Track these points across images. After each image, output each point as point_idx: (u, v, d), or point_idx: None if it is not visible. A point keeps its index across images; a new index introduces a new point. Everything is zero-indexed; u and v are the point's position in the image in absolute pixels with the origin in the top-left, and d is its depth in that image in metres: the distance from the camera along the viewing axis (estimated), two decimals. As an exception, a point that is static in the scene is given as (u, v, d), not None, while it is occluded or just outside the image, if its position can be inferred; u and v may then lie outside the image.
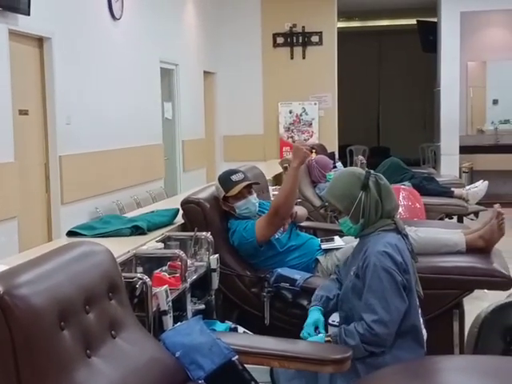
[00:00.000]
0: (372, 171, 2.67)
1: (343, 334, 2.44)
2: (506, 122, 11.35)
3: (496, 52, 11.27)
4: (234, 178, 3.57)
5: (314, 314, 2.65)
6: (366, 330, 2.38)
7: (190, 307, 2.92)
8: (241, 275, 3.42)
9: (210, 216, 3.49)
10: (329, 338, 2.49)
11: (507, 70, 11.41)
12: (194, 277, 3.00)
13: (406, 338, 2.47)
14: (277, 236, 3.57)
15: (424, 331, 2.61)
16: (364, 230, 2.61)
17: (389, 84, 14.37)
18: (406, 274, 2.47)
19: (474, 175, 10.00)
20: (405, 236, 2.64)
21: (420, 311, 2.60)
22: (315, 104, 9.93)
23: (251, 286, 3.41)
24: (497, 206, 3.42)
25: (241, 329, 3.02)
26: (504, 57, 11.24)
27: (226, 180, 3.59)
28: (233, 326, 3.00)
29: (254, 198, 3.61)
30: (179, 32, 8.45)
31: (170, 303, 2.59)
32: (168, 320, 2.55)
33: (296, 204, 4.79)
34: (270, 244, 3.53)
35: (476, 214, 6.25)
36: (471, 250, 3.39)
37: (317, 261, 3.58)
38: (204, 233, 3.27)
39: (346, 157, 11.45)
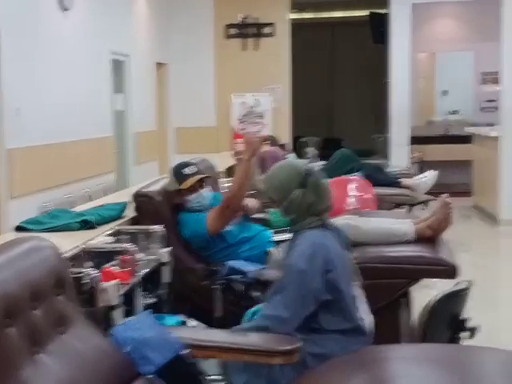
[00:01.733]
0: (315, 167, 2.67)
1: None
2: (455, 112, 11.56)
3: (445, 43, 11.46)
4: (187, 171, 3.57)
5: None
6: (264, 319, 2.38)
7: (141, 301, 2.91)
8: (192, 268, 3.42)
9: (161, 209, 3.48)
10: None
11: (456, 61, 11.62)
12: (145, 271, 2.99)
13: (343, 335, 2.49)
14: (228, 228, 3.58)
15: (370, 319, 2.64)
16: (293, 225, 2.60)
17: (341, 75, 14.47)
18: (331, 273, 2.45)
19: (423, 165, 10.15)
20: (335, 230, 2.63)
21: (363, 300, 2.62)
22: (268, 95, 9.94)
23: (203, 279, 3.41)
24: (445, 195, 3.49)
25: (192, 322, 3.02)
26: (453, 48, 11.44)
27: (178, 173, 3.58)
28: (184, 319, 3.00)
29: (206, 192, 3.61)
30: (130, 23, 8.36)
31: (120, 298, 2.58)
32: (118, 315, 2.54)
33: (249, 196, 4.81)
34: (221, 236, 3.54)
35: (425, 203, 6.36)
36: (420, 239, 3.44)
37: (268, 253, 3.60)
38: (155, 226, 3.26)
39: (299, 148, 11.50)
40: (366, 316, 2.61)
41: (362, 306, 2.63)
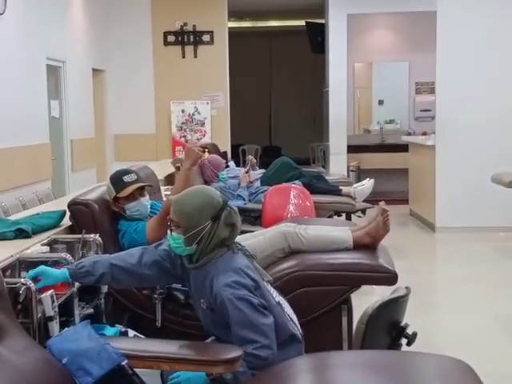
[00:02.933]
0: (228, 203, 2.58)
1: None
2: (391, 121, 11.79)
3: (381, 54, 11.68)
4: (127, 178, 3.51)
5: None
6: (253, 357, 2.34)
7: (78, 312, 2.84)
8: (131, 277, 3.35)
9: (98, 217, 3.41)
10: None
11: (391, 72, 11.85)
12: (82, 281, 2.91)
13: (285, 346, 2.50)
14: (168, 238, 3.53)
15: (294, 316, 2.65)
16: (198, 258, 2.53)
17: (280, 84, 14.59)
18: (258, 291, 2.47)
19: (361, 174, 10.31)
20: (240, 247, 2.62)
21: (287, 309, 2.63)
22: (207, 103, 9.93)
23: (142, 289, 3.35)
24: (382, 203, 3.54)
25: (131, 332, 2.97)
26: (388, 58, 11.67)
27: (117, 180, 3.52)
28: (123, 329, 2.94)
29: (145, 200, 3.56)
30: (66, 28, 8.22)
31: (56, 309, 2.51)
32: (54, 326, 2.48)
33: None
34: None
35: (363, 211, 6.45)
36: (358, 246, 3.48)
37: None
38: (92, 235, 3.19)
39: (238, 156, 11.53)
40: (293, 316, 2.62)
41: (288, 310, 2.63)
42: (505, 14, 7.73)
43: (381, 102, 11.91)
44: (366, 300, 2.77)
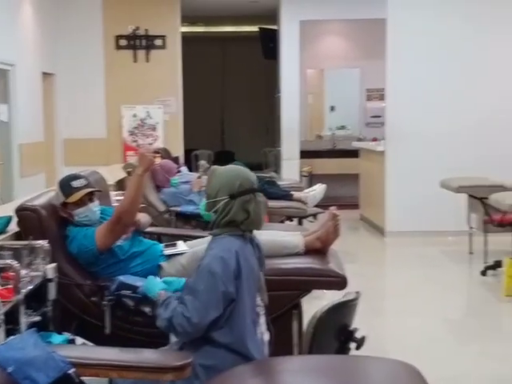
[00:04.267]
0: (257, 194, 2.63)
1: (166, 301, 2.52)
2: (342, 127, 11.91)
3: (333, 60, 11.80)
4: (75, 183, 3.45)
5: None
6: (177, 315, 2.45)
7: (25, 319, 2.78)
8: (80, 284, 3.32)
9: (46, 223, 3.36)
10: (162, 292, 2.59)
11: (343, 78, 11.98)
12: (29, 288, 2.86)
13: (233, 352, 2.50)
14: (118, 243, 3.49)
15: (266, 337, 2.65)
16: (213, 227, 2.64)
17: (233, 89, 14.60)
18: (238, 281, 2.49)
19: (312, 179, 10.38)
20: (256, 245, 2.67)
21: (262, 318, 2.64)
22: (159, 108, 9.87)
23: (91, 295, 3.31)
24: (332, 208, 3.57)
25: (79, 340, 2.93)
26: (340, 65, 11.79)
27: (66, 185, 3.46)
28: (71, 337, 2.90)
29: (94, 206, 3.51)
30: (16, 31, 8.07)
31: (2, 316, 2.46)
32: (0, 334, 2.42)
33: (140, 210, 4.73)
34: (111, 251, 3.45)
35: (314, 216, 6.50)
36: (309, 251, 3.50)
37: (160, 267, 3.55)
38: (40, 241, 3.14)
39: (191, 161, 11.48)
40: (264, 336, 2.63)
41: (262, 326, 2.63)
42: (454, 21, 7.89)
43: (332, 108, 12.03)
44: (316, 304, 2.78)
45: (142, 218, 3.73)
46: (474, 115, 7.90)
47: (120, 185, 6.29)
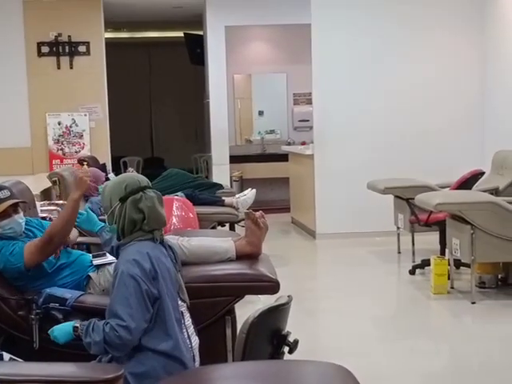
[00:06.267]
0: (147, 190, 2.68)
1: (91, 328, 2.50)
2: (271, 132, 11.98)
3: (260, 65, 11.86)
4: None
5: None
6: (112, 330, 2.43)
7: None
8: (5, 298, 3.21)
9: (-33, 237, 3.24)
10: (77, 325, 2.57)
11: (270, 83, 12.06)
12: (-49, 304, 2.75)
13: (164, 356, 2.49)
14: (46, 257, 3.40)
15: (196, 341, 2.64)
16: (121, 237, 2.67)
17: (160, 95, 14.49)
18: (155, 282, 2.52)
19: (243, 183, 10.40)
20: (168, 246, 2.68)
21: (186, 319, 2.63)
22: (85, 115, 9.69)
23: (18, 309, 3.21)
24: (259, 213, 3.54)
25: (7, 356, 2.83)
26: (267, 70, 11.86)
27: None
28: (-3, 353, 2.80)
29: (19, 217, 3.40)
30: None
31: None
32: None
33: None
34: (38, 266, 3.35)
35: (246, 221, 6.48)
36: (241, 256, 3.49)
37: (89, 277, 3.48)
38: (-39, 255, 3.02)
39: (120, 168, 11.33)
40: (192, 338, 2.61)
41: (188, 327, 2.62)
42: (377, 27, 8.04)
43: (261, 113, 12.08)
44: (251, 309, 2.77)
45: (71, 234, 3.64)
46: (399, 118, 8.07)
47: (45, 194, 6.14)
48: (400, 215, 6.73)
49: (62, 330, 2.64)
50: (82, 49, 9.74)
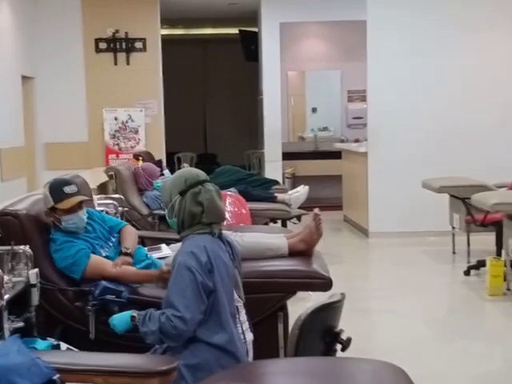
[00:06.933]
0: (206, 183, 2.72)
1: (147, 317, 2.56)
2: (325, 129, 11.93)
3: (314, 62, 11.82)
4: (67, 190, 3.35)
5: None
6: (167, 320, 2.48)
7: (8, 326, 2.75)
8: (63, 289, 3.28)
9: (28, 228, 3.31)
10: (135, 314, 2.63)
11: (324, 80, 12.01)
12: (12, 293, 2.83)
13: (218, 349, 2.51)
14: (104, 254, 3.45)
15: (250, 337, 2.66)
16: (181, 231, 2.72)
17: (215, 91, 14.58)
18: (211, 275, 2.56)
19: (296, 180, 10.39)
20: (226, 241, 2.71)
21: (242, 315, 2.66)
22: (141, 111, 9.83)
23: (75, 300, 3.28)
24: (316, 209, 3.57)
25: (64, 345, 2.90)
26: (321, 67, 11.82)
27: (57, 190, 3.35)
28: (55, 343, 2.88)
29: (83, 213, 3.43)
30: (-6, 34, 8.01)
31: (-15, 323, 2.43)
32: (-18, 341, 2.39)
33: (123, 214, 4.69)
34: None
35: (298, 217, 6.50)
36: (293, 253, 3.50)
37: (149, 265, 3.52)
38: (22, 246, 3.09)
39: (173, 164, 11.46)
40: (246, 333, 2.63)
41: (243, 323, 2.64)
42: (434, 21, 7.93)
43: (314, 110, 12.05)
44: (302, 306, 2.78)
45: (131, 244, 3.63)
46: (453, 116, 7.95)
47: (102, 188, 6.26)
48: (455, 215, 6.62)
49: (120, 319, 2.70)
50: (138, 45, 9.88)
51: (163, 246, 3.88)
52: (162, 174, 6.84)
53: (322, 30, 11.67)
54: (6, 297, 2.74)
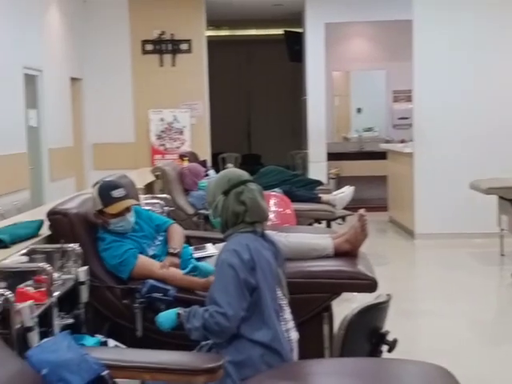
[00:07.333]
0: (249, 183, 2.74)
1: (192, 314, 2.59)
2: (369, 129, 11.85)
3: (359, 62, 11.76)
4: (115, 193, 3.40)
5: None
6: (210, 317, 2.51)
7: (58, 322, 2.81)
8: (111, 287, 3.33)
9: (77, 227, 3.38)
10: (180, 312, 2.65)
11: (369, 80, 11.93)
12: (62, 291, 2.89)
13: (263, 347, 2.52)
14: (151, 253, 3.50)
15: (295, 336, 2.67)
16: (224, 230, 2.76)
17: (258, 92, 14.61)
18: (254, 272, 2.58)
19: (340, 181, 10.34)
20: (269, 240, 2.74)
21: (286, 313, 2.66)
22: (186, 112, 9.92)
23: (123, 298, 3.33)
24: (362, 210, 3.55)
25: (112, 342, 2.95)
26: (366, 67, 11.75)
27: (106, 194, 3.39)
28: (103, 339, 2.92)
29: (130, 216, 3.47)
30: (44, 37, 8.17)
31: (36, 319, 2.49)
32: (33, 336, 2.45)
33: (169, 214, 4.74)
34: None
35: (343, 218, 6.47)
36: (338, 253, 3.49)
37: (193, 269, 3.54)
38: (71, 244, 3.16)
39: (218, 164, 11.52)
40: (291, 332, 2.64)
41: (288, 321, 2.65)
42: (482, 22, 7.81)
43: (359, 110, 11.98)
44: (347, 307, 2.77)
45: (178, 243, 3.65)
46: (501, 116, 7.81)
47: (148, 188, 6.33)
48: (504, 216, 6.51)
49: (166, 317, 2.73)
50: (184, 47, 9.96)
51: (208, 245, 3.90)
52: (207, 175, 6.88)
53: (367, 29, 11.60)
54: (56, 294, 2.80)
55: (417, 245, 7.89)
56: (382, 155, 9.80)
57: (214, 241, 4.07)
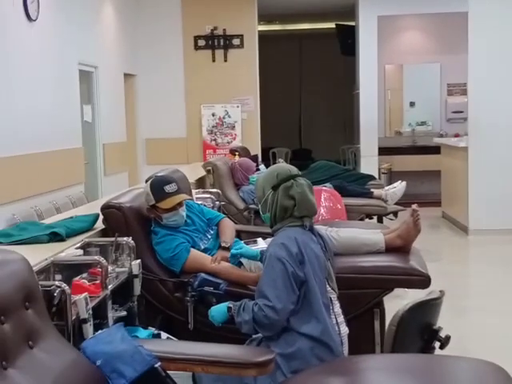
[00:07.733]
0: (298, 178, 2.74)
1: (242, 308, 2.62)
2: (423, 123, 11.69)
3: (412, 55, 11.61)
4: (168, 188, 3.44)
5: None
6: (259, 310, 2.53)
7: (112, 314, 2.86)
8: (163, 280, 3.38)
9: (131, 221, 3.43)
10: (231, 305, 2.69)
11: (422, 73, 11.76)
12: (115, 283, 2.94)
13: (312, 340, 2.52)
14: (203, 247, 3.53)
15: (344, 330, 2.66)
16: (273, 224, 2.77)
17: (310, 87, 14.56)
18: (302, 265, 2.59)
19: (392, 176, 10.24)
20: (317, 234, 2.75)
21: (336, 307, 2.66)
22: (238, 107, 9.95)
23: (174, 291, 3.37)
24: (414, 205, 3.51)
25: (164, 335, 2.99)
26: (419, 60, 11.59)
27: (158, 189, 3.44)
28: (156, 332, 2.97)
29: (183, 210, 3.51)
30: (98, 34, 8.31)
31: (90, 311, 2.54)
32: (88, 328, 2.50)
33: (220, 208, 4.77)
34: None
35: (395, 213, 6.40)
36: (390, 249, 3.46)
37: (240, 263, 3.57)
38: (125, 238, 3.21)
39: (269, 159, 11.53)
40: (341, 326, 2.64)
41: (338, 315, 2.65)
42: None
43: (412, 104, 11.83)
44: (399, 303, 2.74)
45: (229, 237, 3.67)
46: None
47: (200, 183, 6.39)
48: (561, 212, 6.35)
49: (218, 311, 2.76)
50: (235, 42, 9.99)
51: (259, 239, 3.91)
52: (258, 169, 6.90)
53: (421, 22, 11.44)
54: (110, 286, 2.85)
55: (470, 241, 7.76)
56: (435, 150, 9.66)
57: (264, 235, 4.08)
